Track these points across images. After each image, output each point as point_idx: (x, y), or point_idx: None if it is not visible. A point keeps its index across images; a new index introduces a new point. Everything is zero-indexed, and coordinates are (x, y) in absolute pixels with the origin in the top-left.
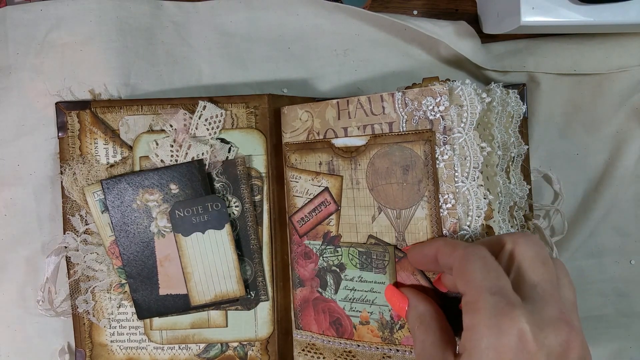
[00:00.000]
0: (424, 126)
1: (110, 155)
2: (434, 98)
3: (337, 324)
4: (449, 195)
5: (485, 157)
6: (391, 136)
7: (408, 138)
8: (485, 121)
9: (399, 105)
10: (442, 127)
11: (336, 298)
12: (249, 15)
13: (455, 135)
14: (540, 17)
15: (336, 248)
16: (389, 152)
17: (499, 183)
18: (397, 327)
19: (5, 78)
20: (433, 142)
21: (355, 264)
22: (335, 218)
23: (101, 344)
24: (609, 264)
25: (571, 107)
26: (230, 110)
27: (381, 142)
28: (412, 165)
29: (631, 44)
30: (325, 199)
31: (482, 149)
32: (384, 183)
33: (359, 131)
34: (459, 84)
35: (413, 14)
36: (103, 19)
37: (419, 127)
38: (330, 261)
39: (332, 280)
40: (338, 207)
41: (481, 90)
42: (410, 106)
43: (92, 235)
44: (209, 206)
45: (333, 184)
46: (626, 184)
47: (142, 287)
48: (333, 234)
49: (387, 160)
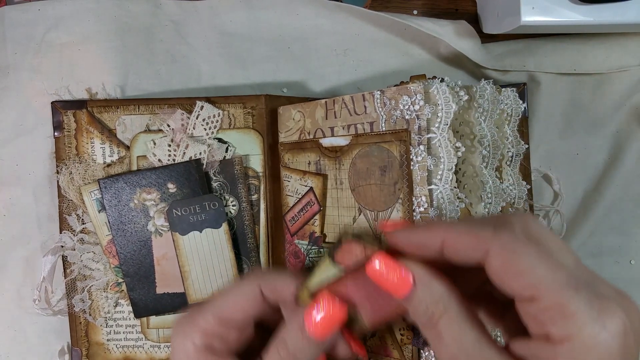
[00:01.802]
0: (401, 126)
1: (107, 154)
2: (409, 97)
3: None
4: (422, 198)
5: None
6: (371, 136)
7: (386, 138)
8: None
9: (378, 104)
10: (418, 127)
11: None
12: (249, 14)
13: (430, 135)
14: (541, 17)
15: (319, 249)
16: (368, 153)
17: (487, 183)
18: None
19: (4, 78)
20: (408, 143)
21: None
22: (320, 218)
23: (98, 342)
24: (609, 264)
25: (571, 106)
26: (227, 110)
27: (362, 142)
28: (389, 166)
29: (631, 43)
30: (310, 199)
31: (457, 149)
32: (364, 184)
33: (343, 131)
34: (434, 83)
35: (413, 13)
36: (101, 19)
37: (397, 126)
38: (315, 261)
39: None
40: (320, 208)
41: (459, 89)
42: (388, 105)
43: (89, 234)
44: (207, 205)
45: (317, 184)
46: (626, 183)
47: (139, 285)
48: (317, 234)
49: (367, 160)
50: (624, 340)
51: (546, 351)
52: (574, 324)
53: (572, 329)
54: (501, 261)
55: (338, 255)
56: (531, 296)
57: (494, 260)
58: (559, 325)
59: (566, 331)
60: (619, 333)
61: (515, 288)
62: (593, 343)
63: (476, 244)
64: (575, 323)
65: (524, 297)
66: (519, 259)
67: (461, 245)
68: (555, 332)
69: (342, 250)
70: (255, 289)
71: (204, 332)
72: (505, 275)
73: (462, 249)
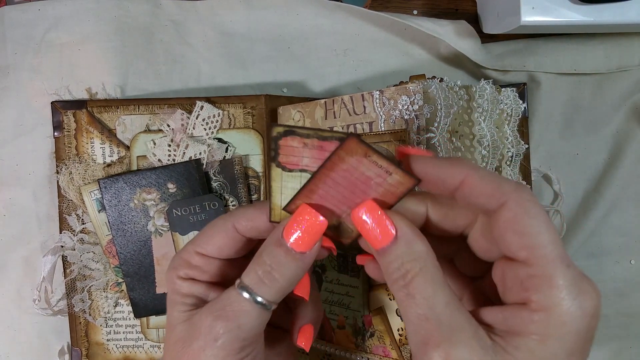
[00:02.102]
0: (400, 126)
1: (107, 154)
2: (408, 97)
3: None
4: None
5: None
6: (370, 136)
7: (385, 138)
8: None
9: (377, 104)
10: (416, 127)
11: None
12: (249, 14)
13: (429, 135)
14: (541, 17)
15: None
16: None
17: None
18: (368, 335)
19: (4, 78)
20: (407, 143)
21: (334, 265)
22: None
23: (97, 342)
24: (609, 264)
25: (571, 106)
26: (227, 110)
27: None
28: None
29: (631, 43)
30: None
31: (456, 150)
32: None
33: (343, 131)
34: (433, 83)
35: (413, 13)
36: (101, 18)
37: (396, 126)
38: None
39: (314, 280)
40: None
41: (458, 88)
42: (387, 105)
43: (89, 234)
44: (207, 205)
45: None
46: (626, 184)
47: (139, 285)
48: None
49: None
50: (592, 322)
51: (520, 317)
52: (557, 296)
53: (554, 300)
54: (513, 215)
55: (281, 158)
56: (526, 258)
57: (507, 213)
58: (542, 293)
59: (547, 301)
60: (591, 315)
61: (514, 245)
62: (568, 319)
63: (496, 191)
64: (557, 295)
65: (519, 257)
66: (530, 219)
67: (480, 189)
68: (536, 300)
69: (282, 151)
70: (227, 225)
71: (187, 265)
72: (511, 230)
73: (480, 193)
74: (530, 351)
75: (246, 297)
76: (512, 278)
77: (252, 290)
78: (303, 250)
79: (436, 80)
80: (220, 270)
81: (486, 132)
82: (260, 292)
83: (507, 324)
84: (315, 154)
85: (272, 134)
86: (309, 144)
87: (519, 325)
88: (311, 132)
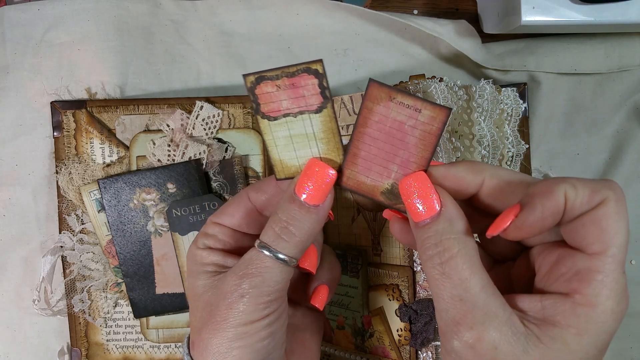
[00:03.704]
0: None
1: (107, 154)
2: None
3: None
4: None
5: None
6: None
7: None
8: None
9: None
10: None
11: None
12: (249, 14)
13: None
14: (541, 17)
15: None
16: None
17: None
18: (367, 335)
19: (3, 78)
20: None
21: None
22: None
23: (97, 343)
24: None
25: (572, 106)
26: (227, 110)
27: None
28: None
29: (632, 43)
30: None
31: (455, 150)
32: None
33: (342, 131)
34: (432, 82)
35: (413, 13)
36: (101, 18)
37: None
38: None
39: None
40: None
41: (458, 88)
42: None
43: (88, 234)
44: (206, 205)
45: None
46: (627, 184)
47: (139, 286)
48: None
49: None
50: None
51: (563, 309)
52: (606, 295)
53: (601, 299)
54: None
55: (262, 108)
56: (597, 252)
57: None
58: (594, 289)
59: (595, 299)
60: (621, 319)
61: (591, 237)
62: (607, 319)
63: (595, 195)
64: (607, 295)
65: (591, 249)
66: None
67: (578, 200)
68: (585, 294)
69: (261, 100)
70: (242, 195)
71: (203, 236)
72: (595, 224)
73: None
74: (566, 344)
75: (267, 254)
76: (565, 267)
77: (272, 247)
78: (316, 203)
79: (436, 80)
80: (236, 242)
81: (486, 132)
82: (279, 247)
83: (545, 313)
84: (290, 94)
85: (247, 84)
86: (281, 85)
87: (559, 315)
88: (279, 71)
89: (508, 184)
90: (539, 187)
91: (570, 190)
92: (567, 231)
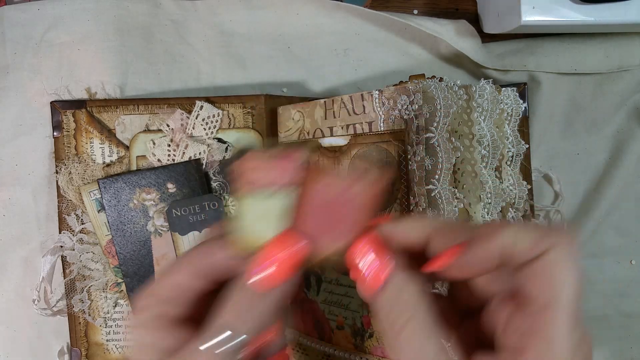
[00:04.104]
0: (399, 125)
1: (107, 154)
2: (408, 97)
3: (319, 326)
4: (420, 197)
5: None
6: (370, 136)
7: (384, 138)
8: (464, 119)
9: (376, 104)
10: (416, 127)
11: (318, 299)
12: (249, 14)
13: (428, 135)
14: (541, 17)
15: None
16: (367, 153)
17: (487, 183)
18: (367, 335)
19: (3, 78)
20: (406, 142)
21: (333, 265)
22: None
23: (97, 343)
24: (610, 264)
25: (572, 106)
26: (227, 110)
27: (361, 141)
28: (387, 166)
29: (632, 43)
30: None
31: (455, 149)
32: None
33: (342, 131)
34: (432, 82)
35: (413, 13)
36: (100, 18)
37: (395, 126)
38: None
39: (314, 280)
40: None
41: (458, 88)
42: (386, 105)
43: (88, 234)
44: (206, 205)
45: None
46: (627, 184)
47: (139, 286)
48: None
49: (365, 160)
50: None
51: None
52: (556, 353)
53: (552, 356)
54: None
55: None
56: (544, 305)
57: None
58: (545, 345)
59: (546, 355)
60: None
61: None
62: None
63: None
64: (558, 352)
65: (538, 301)
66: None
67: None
68: (535, 351)
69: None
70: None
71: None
72: (543, 275)
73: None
74: None
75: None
76: (519, 320)
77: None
78: (265, 289)
79: (435, 80)
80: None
81: (486, 132)
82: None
83: None
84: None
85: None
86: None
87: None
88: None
89: (452, 231)
90: (483, 229)
91: (512, 235)
92: (517, 281)
